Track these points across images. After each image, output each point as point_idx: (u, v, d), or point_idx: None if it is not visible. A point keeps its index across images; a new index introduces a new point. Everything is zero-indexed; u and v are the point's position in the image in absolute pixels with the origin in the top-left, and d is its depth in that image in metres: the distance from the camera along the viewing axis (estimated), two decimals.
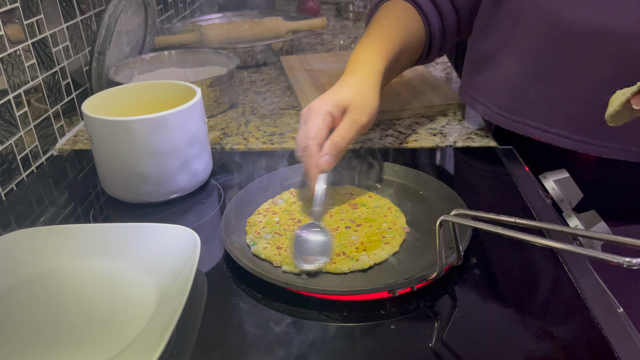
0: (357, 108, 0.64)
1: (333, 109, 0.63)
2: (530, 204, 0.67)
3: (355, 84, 0.67)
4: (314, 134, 0.61)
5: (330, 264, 0.55)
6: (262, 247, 0.59)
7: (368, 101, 0.66)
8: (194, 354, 0.47)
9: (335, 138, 0.62)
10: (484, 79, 0.80)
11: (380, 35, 0.75)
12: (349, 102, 0.64)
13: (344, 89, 0.66)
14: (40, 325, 0.51)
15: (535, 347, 0.47)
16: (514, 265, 0.57)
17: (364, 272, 0.55)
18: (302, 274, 0.55)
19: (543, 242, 0.43)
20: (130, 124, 0.64)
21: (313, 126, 0.62)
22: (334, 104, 0.63)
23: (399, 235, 0.59)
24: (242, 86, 1.10)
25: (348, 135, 0.63)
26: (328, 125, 0.62)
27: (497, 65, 0.77)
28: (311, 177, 0.61)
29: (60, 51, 0.88)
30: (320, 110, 0.62)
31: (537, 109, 0.73)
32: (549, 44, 0.69)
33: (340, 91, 0.66)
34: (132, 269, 0.57)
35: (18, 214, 0.70)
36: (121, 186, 0.69)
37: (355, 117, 0.64)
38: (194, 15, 1.59)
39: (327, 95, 0.65)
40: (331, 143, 0.61)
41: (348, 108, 0.64)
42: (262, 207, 0.67)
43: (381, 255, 0.56)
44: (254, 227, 0.63)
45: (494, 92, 0.78)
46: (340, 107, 0.64)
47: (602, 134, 0.68)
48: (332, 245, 0.58)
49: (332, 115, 0.63)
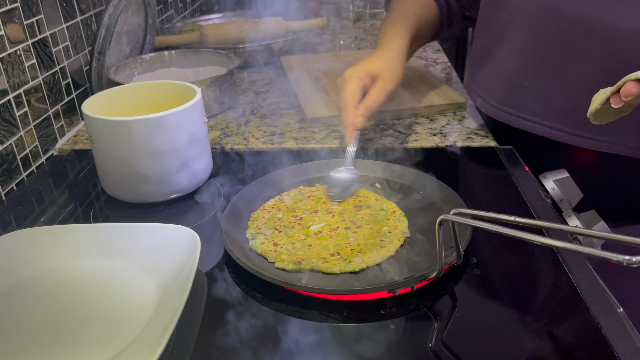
0: (386, 76, 0.76)
1: (364, 76, 0.75)
2: (530, 204, 0.67)
3: (383, 56, 0.78)
4: (350, 97, 0.73)
5: (322, 264, 0.55)
6: (259, 242, 0.60)
7: (395, 71, 0.77)
8: (194, 354, 0.47)
9: (367, 101, 0.73)
10: (482, 72, 0.82)
11: (402, 15, 0.86)
12: (378, 71, 0.76)
13: (374, 60, 0.78)
14: (40, 325, 0.51)
15: (535, 347, 0.47)
16: (514, 265, 0.57)
17: (357, 274, 0.55)
18: (294, 271, 0.55)
19: (543, 240, 0.43)
20: (130, 124, 0.64)
21: (349, 90, 0.73)
22: (365, 72, 0.75)
23: (397, 239, 0.59)
24: (242, 86, 1.10)
25: (378, 99, 0.74)
26: (361, 89, 0.74)
27: (494, 58, 0.79)
28: (348, 132, 0.72)
29: (60, 51, 0.88)
30: (353, 77, 0.74)
31: (532, 102, 0.74)
32: (544, 38, 0.70)
33: (371, 62, 0.77)
34: (132, 269, 0.57)
35: (18, 214, 0.70)
36: (121, 186, 0.69)
37: (383, 84, 0.75)
38: (194, 15, 1.59)
39: (360, 65, 0.77)
40: (364, 106, 0.73)
41: (377, 76, 0.75)
42: (268, 203, 0.67)
43: (375, 259, 0.56)
44: (256, 222, 0.63)
45: (491, 85, 0.80)
46: (371, 75, 0.75)
47: (596, 128, 0.68)
48: (359, 183, 0.69)
49: (364, 81, 0.74)
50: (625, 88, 0.50)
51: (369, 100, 0.73)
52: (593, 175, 0.75)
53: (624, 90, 0.50)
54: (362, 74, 0.75)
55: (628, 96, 0.50)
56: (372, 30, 1.52)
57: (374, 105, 0.73)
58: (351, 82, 0.74)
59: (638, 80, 0.50)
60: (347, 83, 0.74)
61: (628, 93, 0.50)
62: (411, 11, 0.87)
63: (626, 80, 0.50)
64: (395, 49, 0.80)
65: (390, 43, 0.81)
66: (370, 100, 0.73)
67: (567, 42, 0.68)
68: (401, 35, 0.82)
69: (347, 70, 0.76)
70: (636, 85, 0.50)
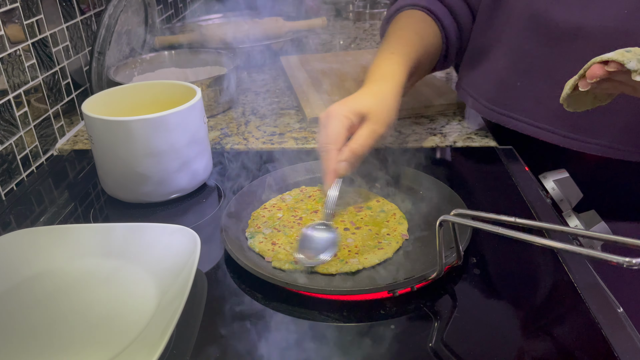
0: (376, 117, 0.65)
1: (351, 114, 0.64)
2: (530, 204, 0.67)
3: (376, 94, 0.68)
4: (334, 139, 0.63)
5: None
6: (258, 241, 0.60)
7: (387, 112, 0.67)
8: (194, 354, 0.47)
9: (353, 145, 0.63)
10: (474, 73, 0.82)
11: (399, 47, 0.76)
12: (368, 110, 0.65)
13: (364, 97, 0.67)
14: (41, 325, 0.51)
15: (535, 347, 0.47)
16: (514, 265, 0.57)
17: (356, 274, 0.55)
18: (290, 270, 0.55)
19: (543, 242, 0.43)
20: (130, 124, 0.64)
21: (332, 130, 0.63)
22: (353, 110, 0.64)
23: (395, 242, 0.59)
24: (242, 86, 1.10)
25: (366, 144, 0.64)
26: (347, 129, 0.63)
27: (486, 59, 0.79)
28: (327, 180, 0.63)
29: (60, 51, 0.88)
30: (338, 115, 0.64)
31: (523, 103, 0.74)
32: (534, 40, 0.71)
33: (361, 98, 0.67)
34: (132, 269, 0.57)
35: (18, 214, 0.70)
36: (121, 186, 0.69)
37: (373, 127, 0.64)
38: (194, 15, 1.59)
39: (347, 101, 0.66)
40: (349, 150, 0.63)
41: (367, 116, 0.65)
42: (270, 202, 0.67)
43: (371, 260, 0.56)
44: (256, 221, 0.64)
45: (483, 86, 0.80)
46: (359, 113, 0.64)
47: (586, 130, 0.68)
48: (337, 245, 0.58)
49: (350, 121, 0.64)
50: (590, 70, 0.50)
51: (356, 144, 0.63)
52: (593, 175, 0.75)
53: (589, 73, 0.50)
54: (349, 112, 0.64)
55: (593, 78, 0.50)
56: (372, 30, 1.52)
57: (361, 150, 0.63)
58: (336, 121, 0.63)
59: (604, 62, 0.50)
60: (331, 121, 0.63)
61: (593, 75, 0.50)
62: (410, 42, 0.77)
63: (592, 63, 0.50)
64: (390, 87, 0.69)
65: (385, 79, 0.70)
66: (357, 144, 0.63)
67: (558, 44, 0.68)
68: (397, 71, 0.72)
69: (331, 105, 0.65)
70: (601, 68, 0.49)
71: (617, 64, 0.48)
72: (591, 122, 0.68)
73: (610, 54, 0.49)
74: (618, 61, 0.48)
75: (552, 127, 0.72)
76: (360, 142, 0.63)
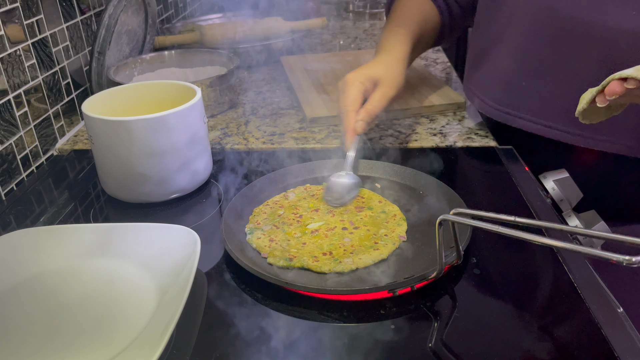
0: (388, 82, 0.75)
1: (366, 80, 0.74)
2: (530, 204, 0.67)
3: (385, 62, 0.78)
4: (351, 101, 0.72)
5: (313, 262, 0.56)
6: (256, 237, 0.60)
7: (396, 76, 0.76)
8: (194, 354, 0.47)
9: (368, 106, 0.72)
10: (480, 73, 0.83)
11: (404, 21, 0.86)
12: (379, 76, 0.75)
13: (375, 65, 0.77)
14: (41, 325, 0.51)
15: (535, 347, 0.47)
16: (514, 265, 0.57)
17: (356, 274, 0.55)
18: (285, 267, 0.56)
19: (543, 240, 0.43)
20: (130, 124, 0.64)
21: (350, 95, 0.72)
22: (367, 76, 0.74)
23: (392, 243, 0.59)
24: (242, 86, 1.10)
25: (379, 105, 0.73)
26: (362, 93, 0.73)
27: (491, 59, 0.80)
28: (348, 138, 0.71)
29: (60, 51, 0.88)
30: (354, 81, 0.73)
31: (528, 102, 0.75)
32: (541, 39, 0.71)
33: (373, 66, 0.77)
34: (132, 269, 0.57)
35: (18, 214, 0.70)
36: (121, 186, 0.69)
37: (385, 90, 0.74)
38: (194, 15, 1.59)
39: (361, 69, 0.75)
40: (365, 110, 0.72)
41: (379, 81, 0.75)
42: (272, 199, 0.68)
43: (365, 261, 0.56)
44: (256, 217, 0.64)
45: (488, 86, 0.81)
46: (372, 79, 0.74)
47: (593, 127, 0.69)
48: (359, 189, 0.68)
49: (365, 86, 0.73)
50: (609, 87, 0.50)
51: (371, 105, 0.72)
52: (593, 175, 0.75)
53: (608, 90, 0.50)
54: (363, 78, 0.74)
55: (612, 95, 0.50)
56: (372, 30, 1.52)
57: (376, 110, 0.73)
58: (352, 87, 0.73)
59: (622, 79, 0.50)
60: (348, 87, 0.73)
61: (612, 92, 0.50)
62: (413, 17, 0.86)
63: (611, 80, 0.50)
64: (397, 55, 0.79)
65: (392, 49, 0.80)
66: (372, 105, 0.73)
67: (563, 42, 0.69)
68: (403, 41, 0.81)
69: (348, 73, 0.75)
70: (620, 85, 0.50)
71: (637, 82, 0.48)
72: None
73: (629, 70, 0.49)
74: (638, 78, 0.48)
75: (559, 125, 0.73)
76: (375, 104, 0.73)
